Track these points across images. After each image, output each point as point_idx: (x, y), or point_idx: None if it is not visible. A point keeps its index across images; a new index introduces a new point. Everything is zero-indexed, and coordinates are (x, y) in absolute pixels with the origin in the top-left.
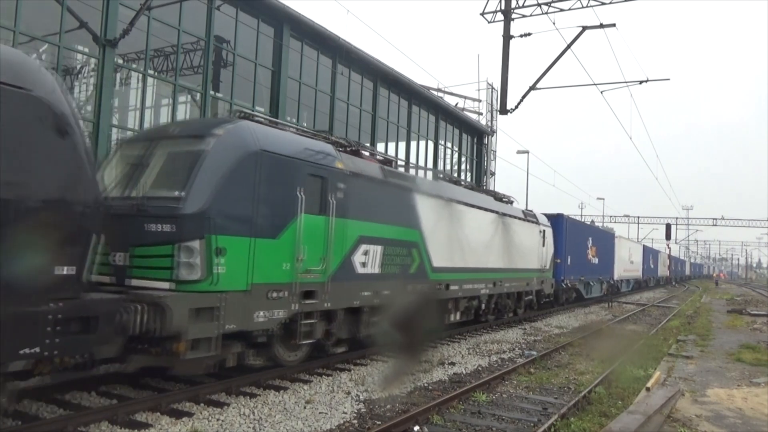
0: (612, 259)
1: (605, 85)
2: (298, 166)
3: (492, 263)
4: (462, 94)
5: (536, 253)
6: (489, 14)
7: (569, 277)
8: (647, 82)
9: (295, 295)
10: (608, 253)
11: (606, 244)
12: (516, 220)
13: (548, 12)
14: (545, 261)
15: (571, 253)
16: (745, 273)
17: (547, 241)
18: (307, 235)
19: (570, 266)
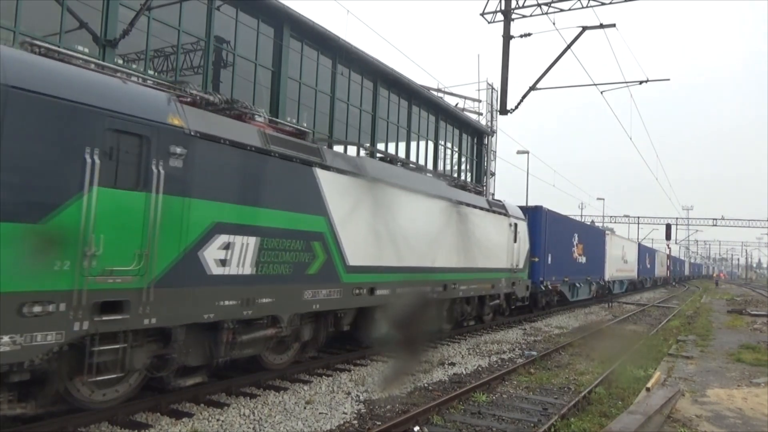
0: (603, 258)
1: (605, 85)
2: (86, 117)
3: (441, 262)
4: (462, 95)
5: (505, 250)
6: (489, 14)
7: (550, 277)
8: (647, 82)
9: (81, 309)
10: (598, 251)
11: (595, 242)
12: (477, 210)
13: (548, 12)
14: (517, 259)
15: (553, 251)
16: (745, 273)
17: (521, 236)
18: (107, 220)
19: (551, 265)
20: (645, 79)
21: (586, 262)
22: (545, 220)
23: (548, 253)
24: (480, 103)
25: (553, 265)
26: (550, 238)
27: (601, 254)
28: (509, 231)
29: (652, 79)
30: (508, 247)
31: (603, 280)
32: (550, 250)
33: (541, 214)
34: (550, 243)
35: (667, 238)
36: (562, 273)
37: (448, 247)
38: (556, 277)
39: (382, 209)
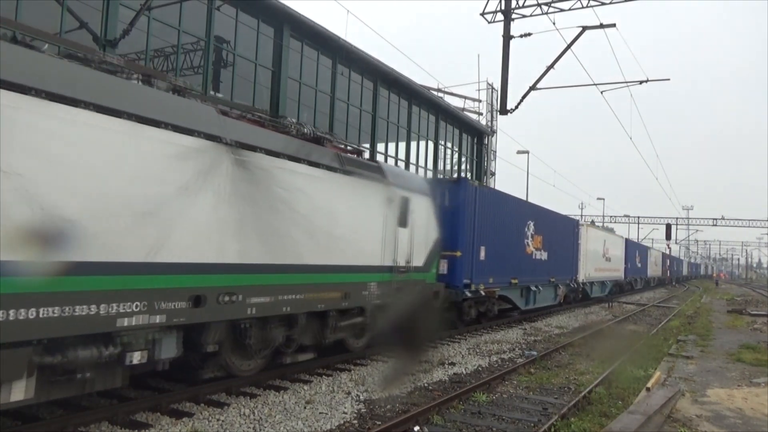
0: (575, 254)
1: (605, 85)
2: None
3: (191, 253)
4: (462, 94)
5: (378, 239)
6: (489, 14)
7: (483, 279)
8: (647, 82)
9: None
10: (567, 245)
11: (563, 234)
12: (307, 168)
13: (548, 12)
14: (408, 253)
15: (489, 243)
16: (746, 273)
17: (419, 218)
18: None
19: (485, 262)
20: (645, 79)
21: (547, 258)
22: (474, 199)
23: (480, 246)
24: (480, 103)
25: (490, 261)
26: (484, 224)
27: (573, 249)
28: (388, 208)
29: (652, 79)
30: (386, 233)
31: (575, 281)
32: (484, 242)
33: (466, 189)
34: (483, 231)
35: (668, 238)
36: (506, 273)
37: (224, 230)
38: (495, 278)
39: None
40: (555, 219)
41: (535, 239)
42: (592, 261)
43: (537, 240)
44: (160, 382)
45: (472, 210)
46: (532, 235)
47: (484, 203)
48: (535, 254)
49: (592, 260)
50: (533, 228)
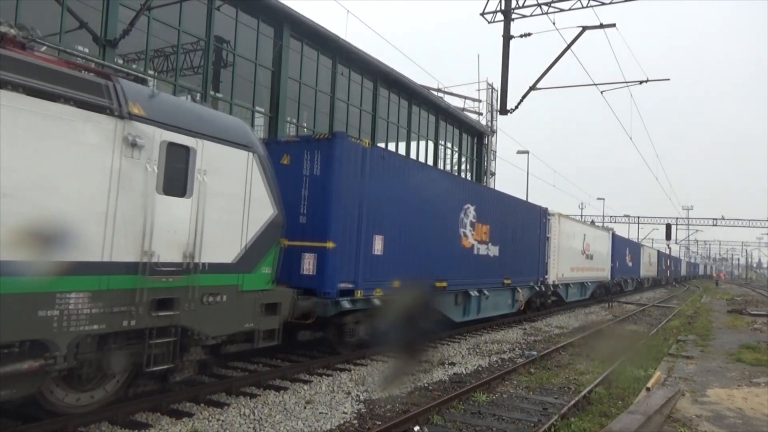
0: (542, 249)
1: (605, 85)
2: None
3: None
4: (462, 94)
5: (95, 213)
6: (489, 14)
7: (382, 281)
8: (647, 82)
9: None
10: (531, 239)
11: (525, 224)
12: None
13: (548, 12)
14: (190, 241)
15: (392, 230)
16: (746, 273)
17: (215, 182)
18: None
19: (383, 258)
20: (645, 79)
21: (499, 255)
22: (361, 166)
23: (374, 234)
24: (480, 103)
25: (394, 257)
26: (382, 203)
27: (539, 244)
28: (130, 161)
29: (652, 79)
30: (122, 203)
31: (542, 283)
32: (382, 228)
33: (344, 150)
34: (380, 214)
35: (668, 238)
36: (425, 273)
37: None
38: (405, 279)
39: None
40: (511, 205)
41: (478, 229)
42: (568, 258)
43: (481, 230)
44: (161, 383)
45: (357, 181)
46: (472, 224)
47: (381, 173)
48: (478, 249)
49: (568, 258)
50: (474, 214)
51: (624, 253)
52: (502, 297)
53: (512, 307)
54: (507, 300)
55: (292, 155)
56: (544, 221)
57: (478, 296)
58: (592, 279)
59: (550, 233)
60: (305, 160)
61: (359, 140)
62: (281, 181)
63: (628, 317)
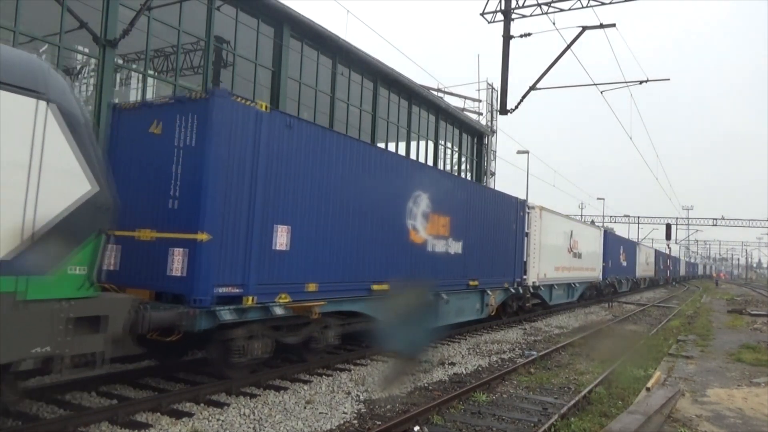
0: (518, 245)
1: (605, 85)
2: None
3: None
4: (462, 94)
5: None
6: (489, 14)
7: (290, 284)
8: (647, 82)
9: None
10: (504, 234)
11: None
12: None
13: (548, 12)
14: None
15: (305, 218)
16: (746, 273)
17: None
18: None
19: (292, 254)
20: (645, 79)
21: (462, 252)
22: (254, 132)
23: (275, 224)
24: (480, 103)
25: (310, 253)
26: (289, 183)
27: (515, 240)
28: None
29: (652, 79)
30: None
31: (520, 284)
32: (291, 216)
33: (224, 111)
34: (286, 197)
35: (668, 238)
36: (357, 273)
37: None
38: (324, 281)
39: None
40: (478, 195)
41: (433, 222)
42: (551, 257)
43: (438, 223)
44: (160, 382)
45: (247, 155)
46: (425, 215)
47: (288, 146)
48: (434, 245)
49: (551, 256)
50: (428, 204)
51: (618, 251)
52: (468, 301)
53: (481, 312)
54: (474, 304)
55: (163, 121)
56: (521, 215)
57: (436, 301)
58: (580, 279)
59: (530, 228)
60: (178, 128)
61: (253, 102)
62: (149, 154)
63: (628, 317)
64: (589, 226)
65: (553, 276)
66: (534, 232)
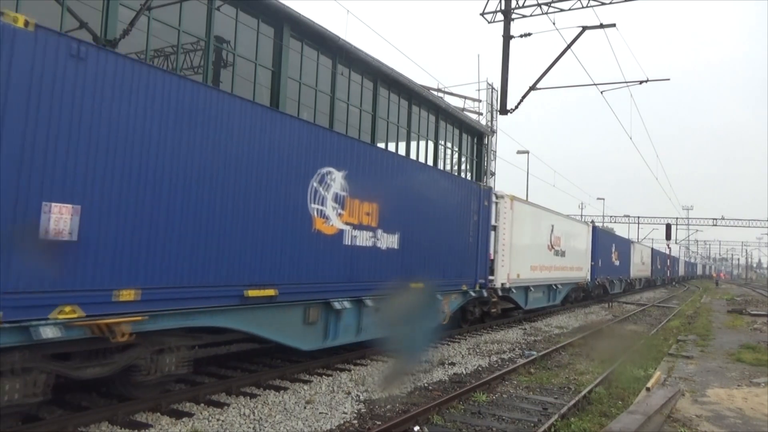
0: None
1: (605, 85)
2: None
3: None
4: (462, 94)
5: None
6: (489, 14)
7: (16, 295)
8: (647, 82)
9: None
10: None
11: (451, 205)
12: None
13: (548, 12)
14: None
15: (97, 192)
16: (746, 273)
17: None
18: None
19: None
20: (645, 79)
21: (400, 247)
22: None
23: (43, 202)
24: (480, 103)
25: (114, 242)
26: (76, 140)
27: (477, 235)
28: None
29: (652, 79)
30: None
31: (483, 286)
32: (84, 191)
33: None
34: (64, 160)
35: (668, 238)
36: (232, 270)
37: None
38: (152, 284)
39: None
40: (422, 178)
41: (352, 208)
42: (526, 255)
43: (360, 210)
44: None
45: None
46: (339, 199)
47: (74, 83)
48: (353, 237)
49: (526, 254)
50: (343, 185)
51: (609, 249)
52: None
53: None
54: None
55: None
56: (486, 204)
57: (353, 309)
58: (563, 280)
59: (499, 221)
60: None
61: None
62: None
63: (628, 317)
64: (574, 220)
65: (529, 276)
66: (504, 226)
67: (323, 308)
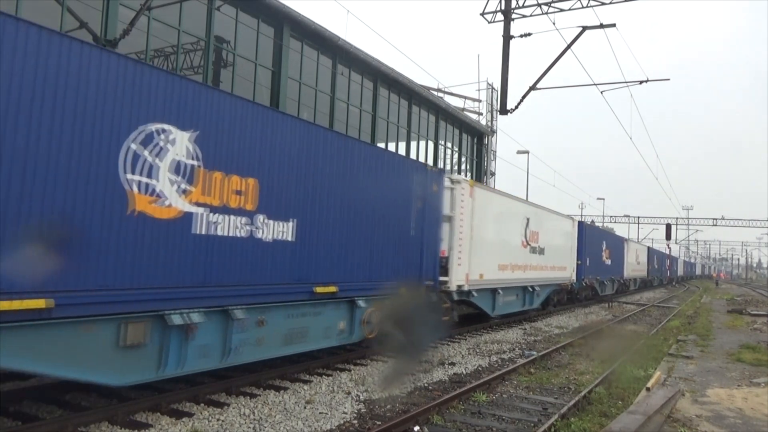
0: (428, 232)
1: (605, 85)
2: None
3: None
4: (462, 94)
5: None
6: (489, 14)
7: None
8: (647, 82)
9: None
10: (395, 211)
11: (383, 184)
12: None
13: (548, 12)
14: None
15: None
16: (745, 273)
17: None
18: None
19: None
20: (645, 79)
21: (298, 240)
22: None
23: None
24: (480, 103)
25: None
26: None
27: (419, 224)
28: None
29: (652, 79)
30: None
31: (432, 289)
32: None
33: None
34: None
35: (668, 238)
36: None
37: None
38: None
39: None
40: (334, 147)
41: (211, 183)
42: (492, 251)
43: (226, 187)
44: (161, 382)
45: None
46: (185, 169)
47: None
48: (210, 224)
49: (492, 250)
50: (194, 151)
51: (599, 247)
52: (318, 319)
53: (350, 333)
54: (331, 323)
55: None
56: (435, 190)
57: (213, 324)
58: (542, 281)
59: (455, 211)
60: None
61: None
62: None
63: (628, 317)
64: (556, 214)
65: (497, 277)
66: (462, 217)
67: (155, 324)
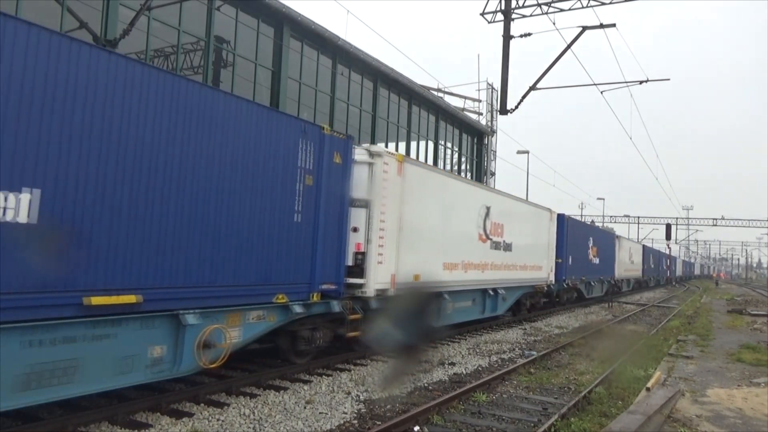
0: (329, 220)
1: (605, 85)
2: None
3: None
4: (462, 94)
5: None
6: (489, 14)
7: None
8: (647, 82)
9: None
10: (273, 192)
11: (232, 155)
12: None
13: (548, 12)
14: None
15: None
16: (745, 273)
17: None
18: None
19: None
20: (645, 79)
21: (33, 218)
22: None
23: None
24: (480, 103)
25: None
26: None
27: (312, 208)
28: None
29: (652, 79)
30: None
31: (338, 295)
32: None
33: None
34: None
35: (668, 238)
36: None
37: None
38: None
39: None
40: (151, 89)
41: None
42: (435, 246)
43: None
44: (161, 382)
45: None
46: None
47: None
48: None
49: (435, 245)
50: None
51: (584, 244)
52: (94, 347)
53: (171, 364)
54: (124, 350)
55: None
56: (337, 163)
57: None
58: (509, 282)
59: (374, 193)
60: None
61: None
62: None
63: (628, 317)
64: (528, 204)
65: (441, 279)
66: (384, 201)
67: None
